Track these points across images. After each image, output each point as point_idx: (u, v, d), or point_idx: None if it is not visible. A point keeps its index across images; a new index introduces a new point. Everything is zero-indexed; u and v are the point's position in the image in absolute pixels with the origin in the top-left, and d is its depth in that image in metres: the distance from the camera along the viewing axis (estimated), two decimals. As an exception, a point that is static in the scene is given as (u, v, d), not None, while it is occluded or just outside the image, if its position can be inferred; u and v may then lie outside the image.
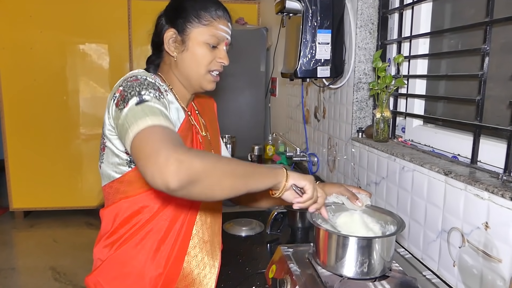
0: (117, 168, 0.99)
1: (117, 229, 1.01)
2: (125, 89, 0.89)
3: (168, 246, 1.01)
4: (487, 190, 0.88)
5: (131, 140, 0.77)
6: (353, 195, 1.07)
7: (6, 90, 3.75)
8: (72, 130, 3.92)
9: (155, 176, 0.70)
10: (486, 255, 0.89)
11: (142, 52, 3.91)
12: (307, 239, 1.51)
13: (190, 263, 1.05)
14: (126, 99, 0.86)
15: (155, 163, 0.70)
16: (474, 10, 1.20)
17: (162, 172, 0.69)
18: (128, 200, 0.99)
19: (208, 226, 1.10)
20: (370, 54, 1.59)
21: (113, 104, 0.90)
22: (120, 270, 1.00)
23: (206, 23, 1.02)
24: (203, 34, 1.02)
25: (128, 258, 0.99)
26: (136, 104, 0.84)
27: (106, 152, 1.00)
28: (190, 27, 1.01)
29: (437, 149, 1.26)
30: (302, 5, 1.56)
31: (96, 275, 1.02)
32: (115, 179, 1.00)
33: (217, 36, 1.03)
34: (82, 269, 3.06)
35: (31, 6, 3.69)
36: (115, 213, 1.01)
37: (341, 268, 0.93)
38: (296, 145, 2.46)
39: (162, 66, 1.10)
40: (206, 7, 1.02)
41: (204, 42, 1.02)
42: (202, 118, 1.18)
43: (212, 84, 1.08)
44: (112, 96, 0.92)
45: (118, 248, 1.00)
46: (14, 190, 3.90)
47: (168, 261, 1.01)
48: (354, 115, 1.63)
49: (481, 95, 1.05)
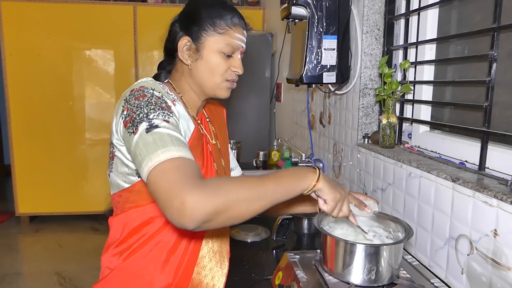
0: (126, 178, 0.97)
1: (126, 238, 1.00)
2: (133, 109, 0.87)
3: (178, 257, 1.00)
4: (496, 197, 0.87)
5: (146, 176, 0.78)
6: (360, 202, 1.07)
7: (13, 95, 3.78)
8: (78, 135, 3.94)
9: (173, 219, 0.73)
10: (495, 263, 0.88)
11: (147, 58, 3.93)
12: (313, 245, 1.51)
13: (199, 274, 1.04)
14: (135, 122, 0.85)
15: (171, 207, 0.72)
16: (481, 16, 1.20)
17: (178, 216, 0.71)
18: (138, 210, 0.98)
19: (218, 236, 1.09)
20: (376, 60, 1.59)
21: (121, 122, 0.90)
22: (129, 280, 0.99)
23: (222, 32, 0.99)
24: (218, 43, 0.99)
25: (137, 269, 0.98)
26: (146, 131, 0.83)
27: (115, 161, 0.99)
28: (205, 36, 0.99)
29: (444, 156, 1.25)
30: (308, 11, 1.56)
31: (104, 284, 1.01)
32: (125, 189, 0.99)
33: (232, 45, 1.01)
34: (87, 275, 3.06)
35: (39, 13, 3.73)
36: (124, 223, 1.00)
37: (348, 275, 0.92)
38: (302, 150, 2.45)
39: (174, 73, 1.08)
40: (221, 15, 0.99)
41: (219, 51, 1.00)
42: (212, 125, 1.17)
43: (227, 91, 1.06)
44: (120, 112, 0.91)
45: (127, 257, 0.99)
46: (20, 195, 3.91)
47: (178, 272, 1.00)
48: (360, 121, 1.62)
49: (489, 101, 1.05)
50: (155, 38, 3.89)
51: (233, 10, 1.02)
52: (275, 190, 0.81)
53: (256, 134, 3.51)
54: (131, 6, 3.84)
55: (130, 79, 3.94)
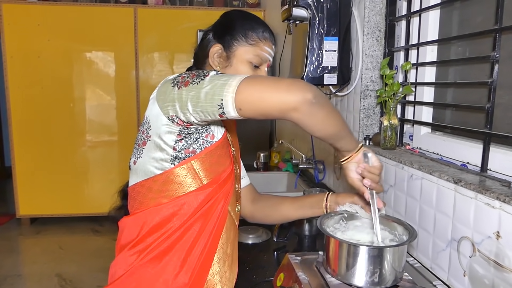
0: (159, 163, 0.96)
1: (145, 237, 0.98)
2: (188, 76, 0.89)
3: (195, 257, 0.99)
4: (498, 199, 0.87)
5: (236, 87, 0.82)
6: (367, 204, 1.07)
7: (14, 98, 3.79)
8: (78, 137, 3.95)
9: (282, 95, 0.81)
10: (497, 265, 0.88)
11: (148, 60, 3.93)
12: (314, 247, 1.50)
13: (214, 276, 1.03)
14: (201, 74, 0.88)
15: (277, 90, 0.82)
16: (482, 17, 1.20)
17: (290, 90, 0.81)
18: (157, 208, 0.97)
19: (232, 240, 1.09)
20: (377, 61, 1.59)
21: (174, 87, 0.90)
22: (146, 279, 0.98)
23: (253, 43, 1.05)
24: (248, 53, 1.05)
25: (156, 268, 0.97)
26: (216, 73, 0.87)
27: (147, 146, 0.97)
28: (237, 45, 1.05)
29: (446, 157, 1.25)
30: (309, 13, 1.56)
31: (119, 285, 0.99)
32: (150, 178, 0.97)
33: (261, 56, 1.06)
34: (88, 276, 3.05)
35: (39, 15, 3.74)
36: (143, 221, 0.98)
37: (351, 277, 0.92)
38: (302, 152, 2.45)
39: None
40: (254, 28, 1.06)
41: (248, 61, 1.05)
42: (229, 133, 1.19)
43: None
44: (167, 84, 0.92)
45: (145, 256, 0.98)
46: (20, 197, 3.91)
47: (194, 273, 0.99)
48: (361, 123, 1.62)
49: (491, 102, 1.04)
50: (155, 40, 3.90)
51: (265, 25, 1.09)
52: (342, 127, 0.93)
53: (256, 135, 3.50)
54: (132, 8, 3.85)
55: (130, 81, 3.95)
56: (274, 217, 1.28)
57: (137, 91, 3.97)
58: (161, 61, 3.97)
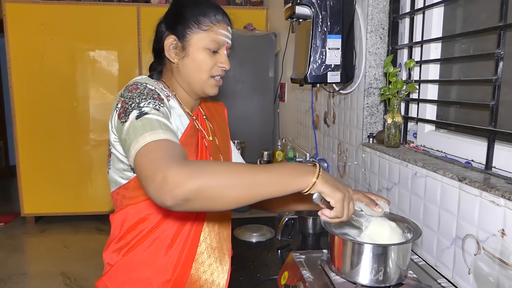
0: (123, 173, 0.99)
1: (125, 235, 1.02)
2: (126, 100, 0.90)
3: (176, 253, 1.01)
4: (503, 196, 0.87)
5: (133, 159, 0.79)
6: (371, 201, 1.06)
7: (18, 97, 3.80)
8: (82, 136, 3.96)
9: (154, 195, 0.72)
10: (502, 263, 0.88)
11: (151, 59, 3.90)
12: (318, 245, 1.50)
13: (198, 270, 1.05)
14: (127, 112, 0.87)
15: (152, 182, 0.71)
16: (486, 14, 1.19)
17: (159, 192, 0.70)
18: (135, 207, 1.00)
19: (216, 232, 1.10)
20: (381, 59, 1.58)
21: (116, 114, 0.91)
22: (128, 275, 1.00)
23: (206, 29, 1.02)
24: (203, 40, 1.02)
25: (136, 264, 1.00)
26: (136, 117, 0.84)
27: (112, 158, 1.01)
28: (190, 33, 1.02)
29: (450, 155, 1.24)
30: (312, 11, 1.56)
31: (105, 280, 1.03)
32: (122, 186, 1.01)
33: (217, 41, 1.03)
34: (92, 275, 3.06)
35: (43, 15, 3.74)
36: (123, 219, 1.02)
37: (355, 275, 0.92)
38: (306, 150, 2.45)
39: (165, 72, 1.11)
40: (205, 12, 1.02)
41: (205, 48, 1.02)
42: (210, 122, 1.19)
43: (215, 88, 1.08)
44: (115, 106, 0.93)
45: (126, 253, 1.01)
46: (25, 196, 3.93)
47: (176, 268, 1.01)
48: (365, 121, 1.62)
49: (496, 100, 1.04)
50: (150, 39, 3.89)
51: (216, 7, 1.05)
52: (265, 182, 0.74)
53: (260, 134, 3.50)
54: (135, 7, 3.85)
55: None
56: (278, 207, 1.27)
57: (140, 90, 3.97)
58: (164, 60, 3.98)
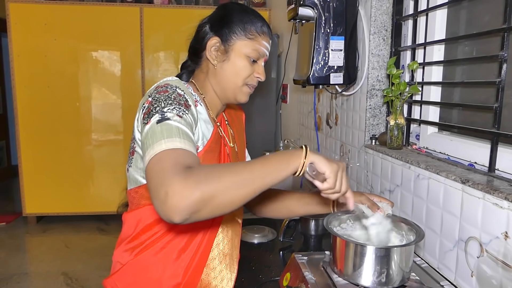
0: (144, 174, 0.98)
1: (139, 234, 1.01)
2: (153, 102, 0.88)
3: (188, 256, 1.01)
4: (507, 199, 0.86)
5: (146, 166, 0.78)
6: (374, 204, 1.06)
7: (20, 97, 3.81)
8: (84, 136, 3.96)
9: (160, 212, 0.70)
10: (506, 266, 0.88)
11: (154, 59, 3.94)
12: (320, 246, 1.50)
13: (208, 275, 1.05)
14: (151, 114, 0.86)
15: (156, 198, 0.70)
16: (490, 16, 1.19)
17: (163, 209, 0.69)
18: (152, 207, 0.97)
19: (229, 239, 1.10)
20: (384, 60, 1.58)
21: (141, 113, 0.90)
22: (138, 276, 1.00)
23: (251, 37, 1.02)
24: (246, 47, 1.02)
25: (148, 265, 0.99)
26: (157, 122, 0.83)
27: (135, 156, 0.99)
28: (235, 38, 1.02)
29: (453, 157, 1.24)
30: (315, 12, 1.56)
31: (115, 279, 1.02)
32: (142, 185, 0.99)
33: (259, 51, 1.04)
34: (94, 275, 3.07)
35: (46, 15, 3.75)
36: (138, 218, 1.01)
37: (358, 277, 0.92)
38: (308, 151, 2.44)
39: (198, 73, 1.10)
40: (252, 22, 1.03)
41: (246, 55, 1.03)
42: (231, 128, 1.18)
43: (247, 96, 1.09)
44: (142, 105, 0.92)
45: (138, 254, 1.00)
46: (27, 195, 3.94)
47: (187, 272, 1.01)
48: (367, 122, 1.62)
49: (499, 102, 1.04)
50: (161, 40, 3.90)
51: (263, 19, 1.06)
52: (262, 173, 0.76)
53: (262, 135, 3.50)
54: (138, 8, 3.86)
55: (136, 80, 3.96)
56: (280, 212, 1.27)
57: (142, 90, 3.98)
58: (167, 60, 3.98)
